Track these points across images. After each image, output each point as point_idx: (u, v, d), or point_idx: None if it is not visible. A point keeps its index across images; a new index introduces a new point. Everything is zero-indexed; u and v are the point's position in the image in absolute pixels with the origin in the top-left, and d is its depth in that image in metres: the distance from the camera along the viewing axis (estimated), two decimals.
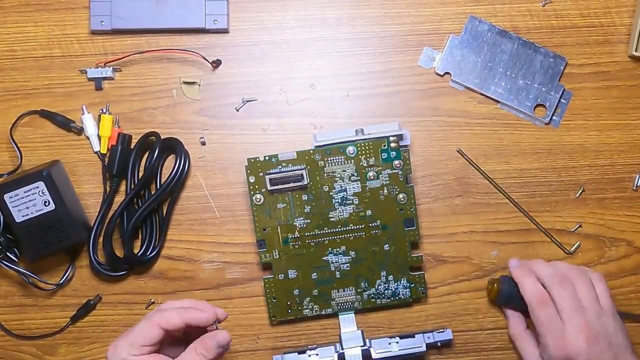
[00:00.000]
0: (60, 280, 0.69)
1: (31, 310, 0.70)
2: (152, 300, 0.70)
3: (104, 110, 0.70)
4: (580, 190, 0.70)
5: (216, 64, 0.70)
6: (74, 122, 0.70)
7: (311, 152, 0.66)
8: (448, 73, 0.71)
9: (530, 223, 0.70)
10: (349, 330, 0.67)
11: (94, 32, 0.71)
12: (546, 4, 0.71)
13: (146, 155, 0.69)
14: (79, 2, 0.71)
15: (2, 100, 0.71)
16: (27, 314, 0.70)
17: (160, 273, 0.70)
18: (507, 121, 0.71)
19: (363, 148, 0.65)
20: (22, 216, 0.64)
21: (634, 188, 0.71)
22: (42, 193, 0.64)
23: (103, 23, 0.70)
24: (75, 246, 0.69)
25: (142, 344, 0.56)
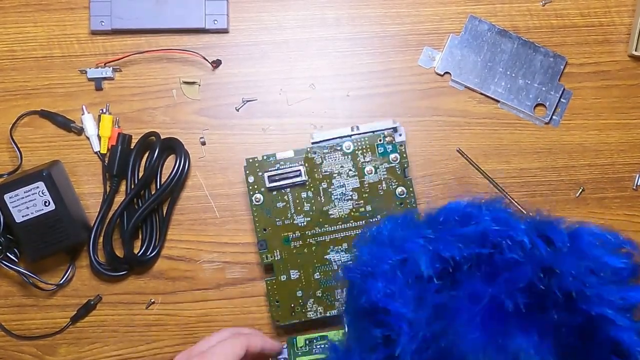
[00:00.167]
0: (60, 281, 0.69)
1: (31, 310, 0.70)
2: (152, 300, 0.70)
3: (104, 111, 0.70)
4: (580, 190, 0.70)
5: (216, 64, 0.70)
6: (74, 122, 0.70)
7: (308, 149, 0.66)
8: (448, 73, 0.71)
9: None
10: None
11: (94, 32, 0.71)
12: (546, 3, 0.71)
13: (146, 155, 0.69)
14: (79, 2, 0.71)
15: (2, 100, 0.71)
16: (27, 314, 0.70)
17: (160, 273, 0.70)
18: (507, 121, 0.71)
19: (359, 144, 0.66)
20: (22, 216, 0.64)
21: (634, 187, 0.71)
22: (42, 193, 0.64)
23: (103, 23, 0.70)
24: (75, 246, 0.69)
25: None
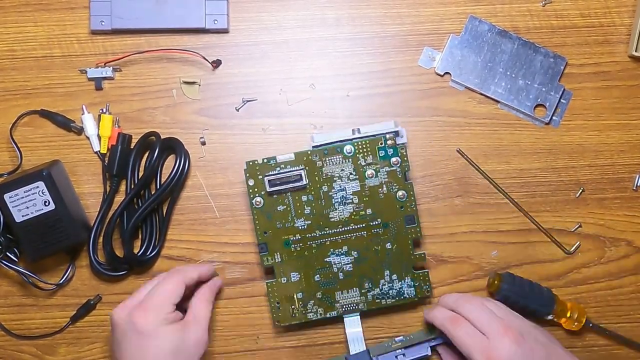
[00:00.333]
0: (60, 280, 0.69)
1: (31, 310, 0.70)
2: None
3: (104, 110, 0.70)
4: (580, 190, 0.70)
5: (216, 64, 0.70)
6: (74, 122, 0.70)
7: (309, 152, 0.65)
8: (448, 73, 0.71)
9: (530, 223, 0.70)
10: (355, 330, 0.67)
11: (94, 32, 0.71)
12: (546, 4, 0.71)
13: (146, 155, 0.69)
14: (79, 2, 0.71)
15: (2, 100, 0.71)
16: (27, 313, 0.70)
17: (160, 273, 0.70)
18: (507, 121, 0.71)
19: (360, 147, 0.65)
20: (22, 216, 0.64)
21: (634, 188, 0.71)
22: (42, 193, 0.64)
23: (103, 23, 0.70)
24: (75, 246, 0.69)
25: (174, 302, 0.61)
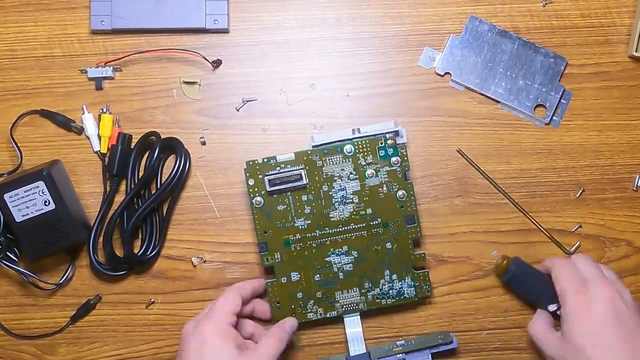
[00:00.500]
0: (60, 280, 0.69)
1: (31, 309, 0.70)
2: (152, 300, 0.70)
3: (104, 110, 0.70)
4: (580, 191, 0.70)
5: (216, 63, 0.70)
6: (74, 121, 0.70)
7: (309, 152, 0.65)
8: (448, 73, 0.71)
9: (530, 223, 0.70)
10: (355, 330, 0.67)
11: (95, 32, 0.71)
12: (546, 4, 0.71)
13: (146, 155, 0.69)
14: (79, 2, 0.71)
15: (2, 99, 0.71)
16: (27, 313, 0.70)
17: (160, 273, 0.70)
18: (507, 121, 0.71)
19: (360, 146, 0.65)
20: (22, 216, 0.64)
21: (634, 188, 0.71)
22: (42, 193, 0.64)
23: (103, 23, 0.70)
24: (75, 246, 0.69)
25: (232, 311, 0.62)
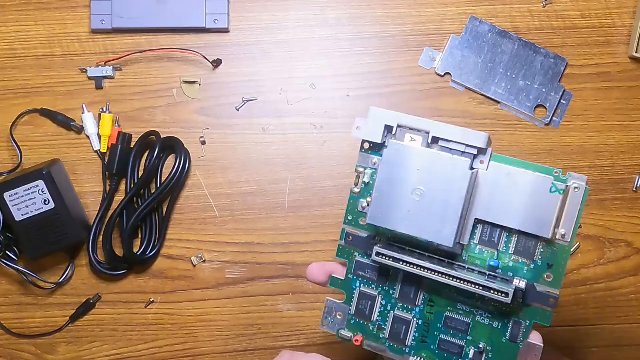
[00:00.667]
0: (59, 279, 0.69)
1: (31, 309, 0.70)
2: (151, 300, 0.70)
3: (104, 110, 0.70)
4: None
5: (217, 63, 0.70)
6: (74, 121, 0.70)
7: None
8: (448, 73, 0.71)
9: None
10: None
11: (95, 31, 0.71)
12: (547, 4, 0.71)
13: (146, 154, 0.69)
14: (79, 1, 0.71)
15: (2, 99, 0.71)
16: (26, 312, 0.70)
17: (160, 272, 0.70)
18: (507, 122, 0.71)
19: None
20: (22, 215, 0.64)
21: (634, 189, 0.71)
22: (42, 192, 0.64)
23: (104, 22, 0.70)
24: (75, 245, 0.69)
25: None
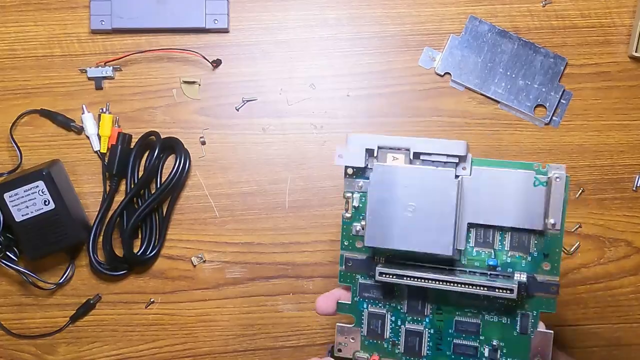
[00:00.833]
0: (59, 280, 0.69)
1: (31, 309, 0.70)
2: (151, 300, 0.70)
3: (104, 110, 0.70)
4: (580, 191, 0.70)
5: (216, 63, 0.70)
6: (74, 121, 0.70)
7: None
8: (448, 73, 0.71)
9: None
10: None
11: (94, 32, 0.71)
12: (546, 4, 0.71)
13: (146, 154, 0.69)
14: (79, 2, 0.71)
15: (2, 99, 0.71)
16: (26, 313, 0.70)
17: (160, 272, 0.70)
18: (507, 121, 0.71)
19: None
20: (22, 215, 0.64)
21: (634, 189, 0.71)
22: (42, 192, 0.64)
23: (103, 22, 0.70)
24: (75, 245, 0.69)
25: None
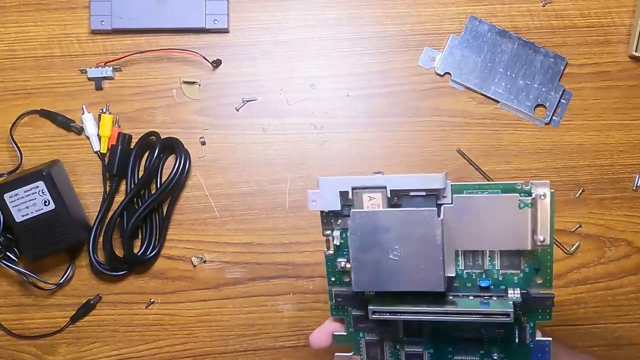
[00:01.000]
0: (60, 280, 0.69)
1: (31, 309, 0.70)
2: (152, 300, 0.70)
3: (104, 110, 0.70)
4: (580, 191, 0.70)
5: (216, 63, 0.70)
6: (74, 121, 0.70)
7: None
8: (448, 73, 0.71)
9: None
10: None
11: (94, 32, 0.71)
12: (546, 4, 0.71)
13: (146, 155, 0.69)
14: (79, 2, 0.71)
15: (2, 99, 0.71)
16: (27, 313, 0.70)
17: (160, 273, 0.70)
18: (507, 121, 0.71)
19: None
20: (22, 216, 0.64)
21: (634, 188, 0.71)
22: (42, 193, 0.64)
23: (103, 23, 0.70)
24: (75, 246, 0.69)
25: None
